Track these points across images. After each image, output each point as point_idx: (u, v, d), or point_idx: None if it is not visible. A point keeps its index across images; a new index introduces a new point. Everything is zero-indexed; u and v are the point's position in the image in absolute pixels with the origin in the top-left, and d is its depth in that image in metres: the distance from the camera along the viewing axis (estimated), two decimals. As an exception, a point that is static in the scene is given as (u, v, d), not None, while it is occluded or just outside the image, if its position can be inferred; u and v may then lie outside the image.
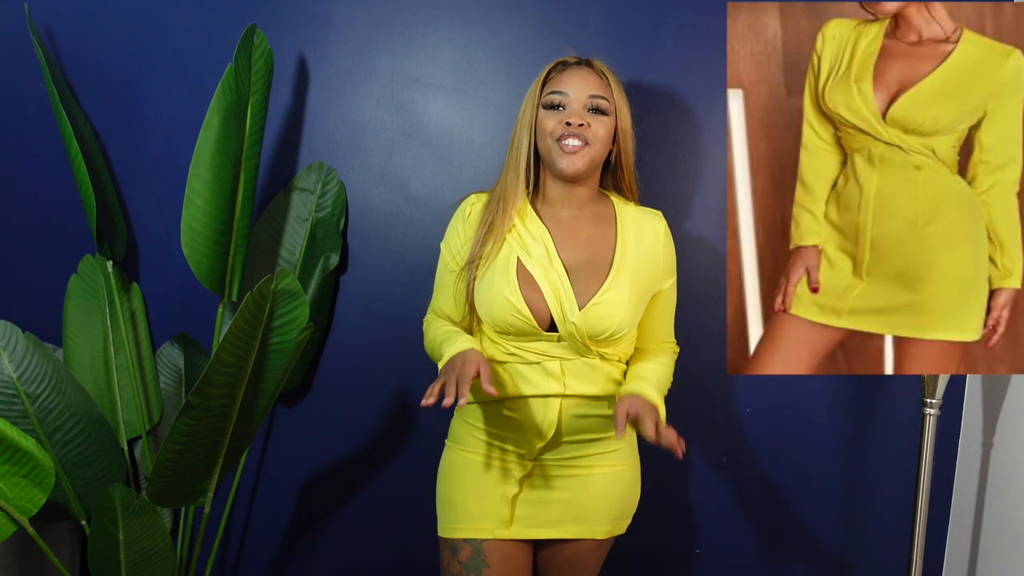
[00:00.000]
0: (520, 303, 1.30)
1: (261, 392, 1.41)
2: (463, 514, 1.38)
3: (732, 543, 1.86)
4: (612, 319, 1.31)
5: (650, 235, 1.40)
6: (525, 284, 1.32)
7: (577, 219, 1.40)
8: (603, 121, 1.34)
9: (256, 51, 1.59)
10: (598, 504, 1.39)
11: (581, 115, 1.32)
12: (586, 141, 1.32)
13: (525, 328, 1.32)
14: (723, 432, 1.83)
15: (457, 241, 1.42)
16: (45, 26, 1.80)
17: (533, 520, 1.38)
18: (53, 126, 1.77)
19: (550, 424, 1.34)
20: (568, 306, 1.30)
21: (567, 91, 1.34)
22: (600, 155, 1.36)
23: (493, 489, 1.37)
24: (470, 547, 1.36)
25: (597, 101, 1.34)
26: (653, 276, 1.39)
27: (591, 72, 1.36)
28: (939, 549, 1.84)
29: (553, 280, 1.32)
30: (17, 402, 1.54)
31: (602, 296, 1.32)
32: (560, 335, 1.32)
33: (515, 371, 1.34)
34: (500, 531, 1.36)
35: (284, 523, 1.90)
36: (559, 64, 1.39)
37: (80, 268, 1.78)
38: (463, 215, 1.43)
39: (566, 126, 1.32)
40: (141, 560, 1.51)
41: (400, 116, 1.80)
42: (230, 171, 1.57)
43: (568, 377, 1.34)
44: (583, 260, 1.36)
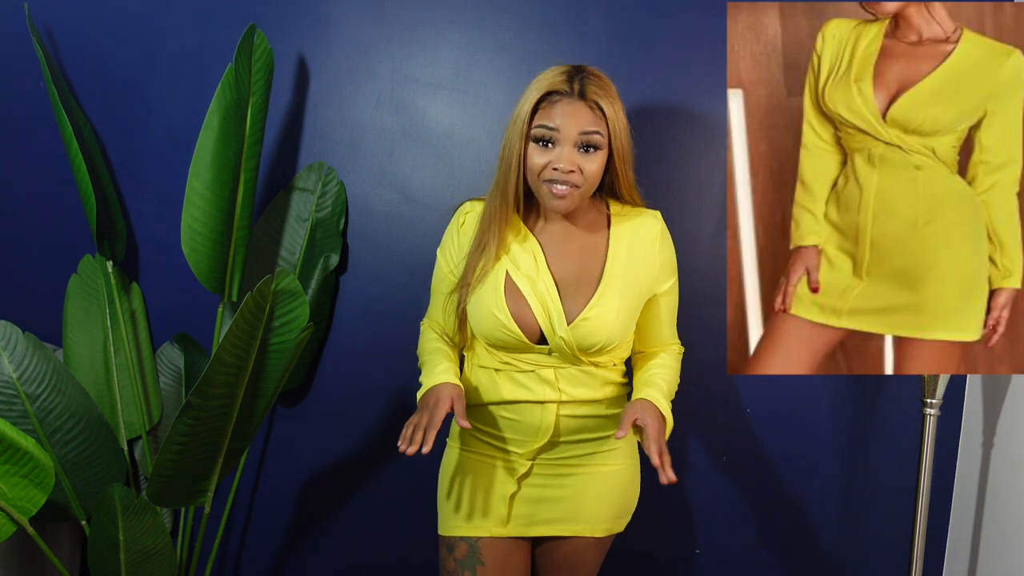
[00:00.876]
0: (508, 319, 1.30)
1: (261, 392, 1.41)
2: (460, 512, 1.39)
3: (732, 543, 1.86)
4: (601, 333, 1.30)
5: (644, 239, 1.37)
6: (513, 298, 1.31)
7: (568, 230, 1.37)
8: (595, 157, 1.27)
9: (256, 51, 1.59)
10: (596, 502, 1.39)
11: (571, 160, 1.25)
12: (575, 185, 1.26)
13: (514, 343, 1.32)
14: (723, 432, 1.83)
15: (452, 248, 1.41)
16: (45, 26, 1.80)
17: (530, 518, 1.38)
18: (53, 126, 1.77)
19: (547, 427, 1.34)
20: (557, 320, 1.30)
21: (556, 126, 1.24)
22: (591, 188, 1.30)
23: (491, 488, 1.38)
24: (466, 545, 1.37)
25: (589, 138, 1.25)
26: (648, 281, 1.37)
27: (583, 106, 1.25)
28: (939, 549, 1.84)
29: (541, 293, 1.31)
30: (17, 402, 1.54)
31: (590, 311, 1.30)
32: (551, 348, 1.32)
33: (510, 377, 1.35)
34: (496, 529, 1.37)
35: (284, 523, 1.90)
36: (550, 94, 1.26)
37: (80, 268, 1.78)
38: (457, 224, 1.41)
39: (554, 171, 1.25)
40: (141, 560, 1.51)
41: (400, 116, 1.80)
42: (230, 171, 1.57)
43: (563, 383, 1.34)
44: (572, 273, 1.34)
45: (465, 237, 1.39)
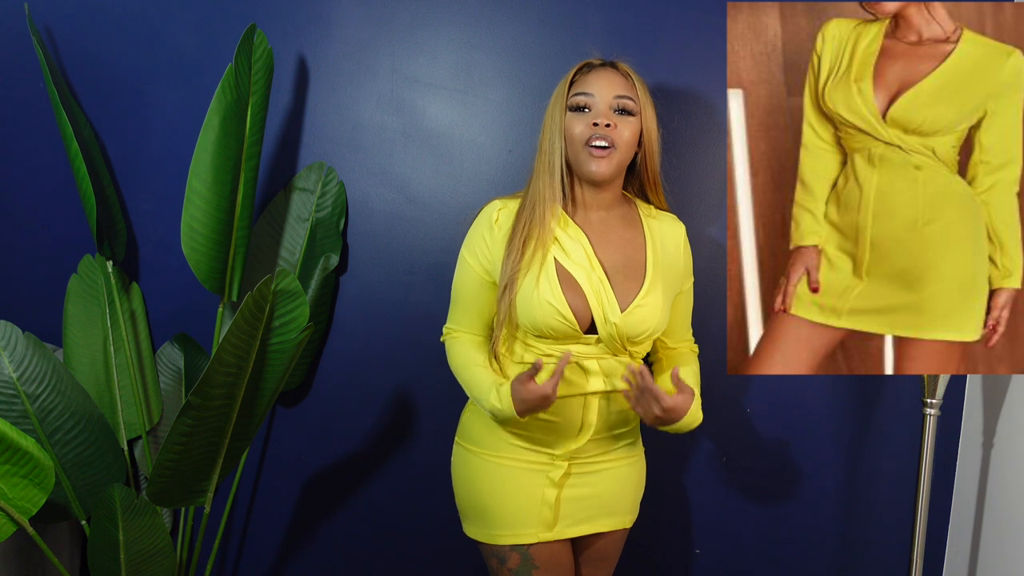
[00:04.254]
0: (564, 307, 1.31)
1: (261, 392, 1.41)
2: (504, 521, 1.38)
3: (732, 543, 1.86)
4: (651, 321, 1.34)
5: (672, 239, 1.43)
6: (567, 287, 1.32)
7: (606, 221, 1.40)
8: (629, 122, 1.34)
9: (256, 51, 1.59)
10: (622, 495, 1.44)
11: (607, 115, 1.32)
12: (612, 143, 1.32)
13: (566, 331, 1.32)
14: (723, 432, 1.83)
15: (483, 247, 1.39)
16: (45, 26, 1.80)
17: (573, 519, 1.40)
18: (53, 126, 1.77)
19: (590, 423, 1.36)
20: (610, 308, 1.32)
21: (592, 92, 1.33)
22: (626, 158, 1.36)
23: (531, 493, 1.38)
24: (518, 555, 1.37)
25: (623, 102, 1.34)
26: (677, 279, 1.44)
27: (616, 73, 1.36)
28: (939, 549, 1.84)
29: (595, 283, 1.33)
30: (17, 402, 1.54)
31: (643, 299, 1.34)
32: (599, 336, 1.33)
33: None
34: (543, 534, 1.38)
35: (284, 523, 1.90)
36: (584, 66, 1.38)
37: (80, 268, 1.78)
38: (489, 220, 1.39)
39: (593, 127, 1.31)
40: (141, 560, 1.51)
41: (400, 116, 1.80)
42: (230, 171, 1.57)
43: (604, 374, 1.36)
44: (619, 262, 1.37)
45: (501, 232, 1.37)
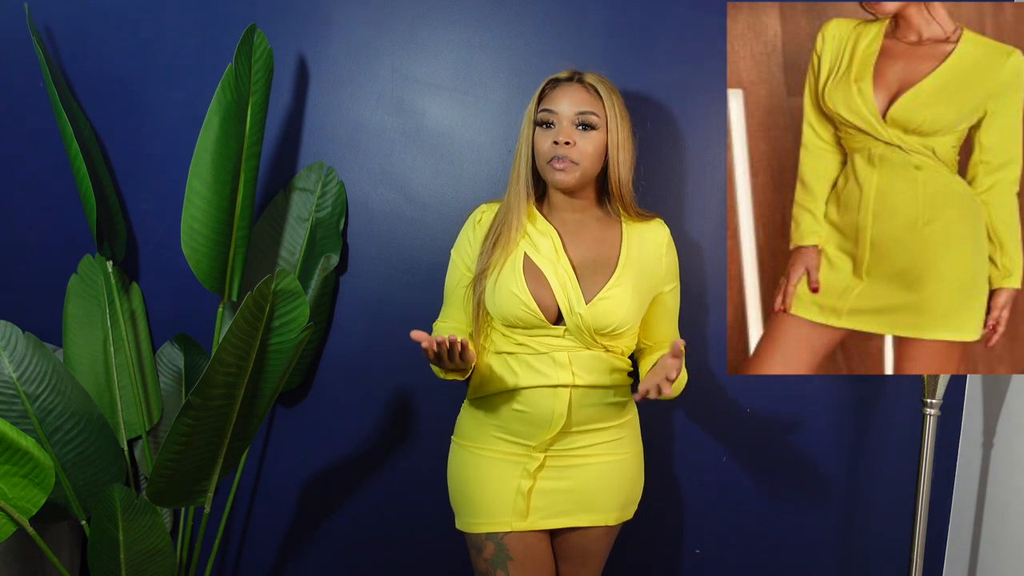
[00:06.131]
0: (527, 297, 1.36)
1: (261, 392, 1.41)
2: (480, 509, 1.43)
3: (732, 543, 1.86)
4: (616, 314, 1.37)
5: (652, 243, 1.46)
6: (532, 278, 1.38)
7: (582, 222, 1.46)
8: (591, 137, 1.38)
9: (256, 51, 1.59)
10: (606, 492, 1.45)
11: (569, 132, 1.37)
12: (573, 160, 1.37)
13: (532, 321, 1.37)
14: (723, 432, 1.83)
15: (467, 246, 1.49)
16: (45, 26, 1.80)
17: (548, 511, 1.42)
18: (53, 126, 1.77)
19: (559, 415, 1.38)
20: (575, 299, 1.36)
21: (555, 109, 1.38)
22: (591, 169, 1.40)
23: (508, 482, 1.42)
24: (492, 544, 1.41)
25: (585, 117, 1.38)
26: (654, 280, 1.46)
27: (581, 88, 1.40)
28: (939, 549, 1.84)
29: (560, 274, 1.38)
30: (17, 402, 1.54)
31: (608, 291, 1.38)
32: (567, 328, 1.37)
33: (524, 361, 1.39)
34: (518, 523, 1.41)
35: (284, 523, 1.90)
36: (551, 81, 1.43)
37: (80, 268, 1.78)
38: (474, 221, 1.49)
39: (554, 145, 1.37)
40: (141, 560, 1.51)
41: (400, 116, 1.80)
42: (230, 171, 1.57)
43: (576, 367, 1.39)
44: (589, 258, 1.42)
45: (482, 233, 1.46)
